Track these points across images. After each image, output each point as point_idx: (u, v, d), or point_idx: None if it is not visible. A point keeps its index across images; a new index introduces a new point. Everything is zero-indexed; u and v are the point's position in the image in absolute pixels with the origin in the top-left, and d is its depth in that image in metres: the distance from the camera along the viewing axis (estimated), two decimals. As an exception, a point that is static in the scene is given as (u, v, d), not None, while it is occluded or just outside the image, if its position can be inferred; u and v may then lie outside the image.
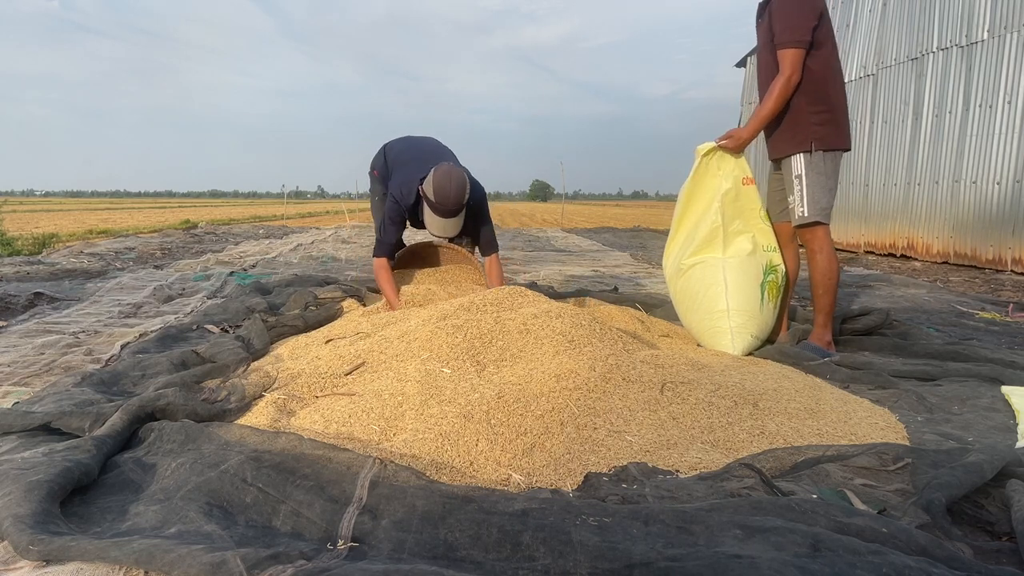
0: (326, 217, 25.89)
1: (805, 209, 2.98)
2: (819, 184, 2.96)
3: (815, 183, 2.96)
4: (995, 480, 1.51)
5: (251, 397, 2.19)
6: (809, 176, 2.96)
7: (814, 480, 1.57)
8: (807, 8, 2.85)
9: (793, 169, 3.00)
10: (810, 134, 2.94)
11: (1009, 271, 7.29)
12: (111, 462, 1.67)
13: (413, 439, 1.77)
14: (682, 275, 3.16)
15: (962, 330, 3.76)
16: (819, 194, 2.96)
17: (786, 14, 2.85)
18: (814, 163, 2.96)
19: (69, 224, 16.60)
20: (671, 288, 3.28)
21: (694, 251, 3.10)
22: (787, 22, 2.84)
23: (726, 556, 1.13)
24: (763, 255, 3.09)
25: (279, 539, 1.30)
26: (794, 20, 2.83)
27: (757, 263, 3.06)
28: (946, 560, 1.17)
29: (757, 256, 3.07)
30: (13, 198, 68.08)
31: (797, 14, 2.84)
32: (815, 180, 2.96)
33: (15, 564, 1.27)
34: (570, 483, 1.64)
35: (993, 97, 7.71)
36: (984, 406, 2.25)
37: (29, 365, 2.76)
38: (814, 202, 2.96)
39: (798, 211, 3.00)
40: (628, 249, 9.96)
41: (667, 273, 3.30)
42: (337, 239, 11.46)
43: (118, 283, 5.23)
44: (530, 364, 2.25)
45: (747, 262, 3.04)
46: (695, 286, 3.10)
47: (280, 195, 62.87)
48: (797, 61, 2.85)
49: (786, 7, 2.86)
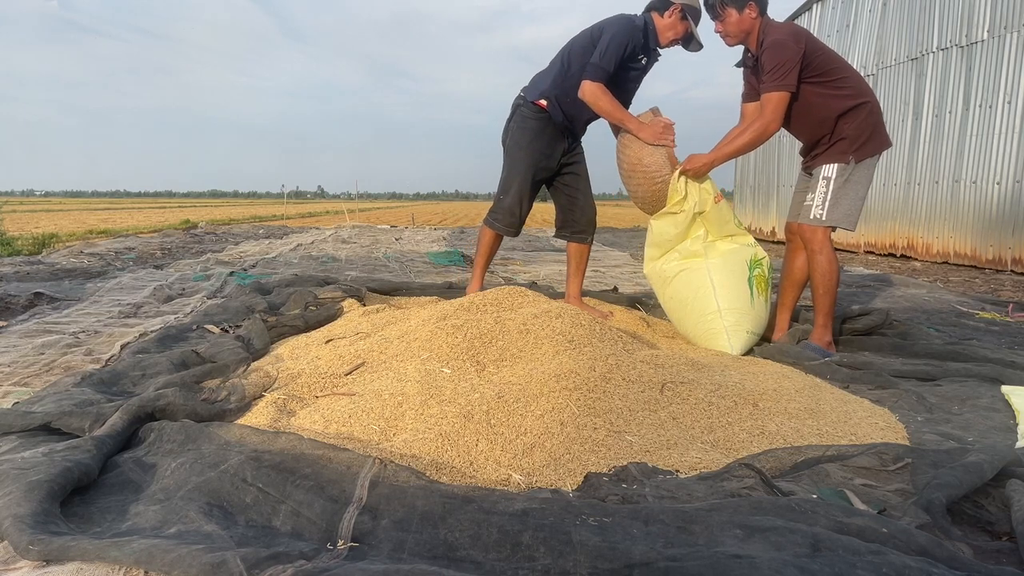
0: (326, 217, 25.89)
1: (824, 212, 2.97)
2: (847, 192, 2.96)
3: (843, 189, 2.96)
4: (995, 480, 1.51)
5: (251, 397, 2.19)
6: (837, 182, 2.97)
7: (814, 480, 1.57)
8: (790, 55, 2.85)
9: (824, 171, 3.00)
10: (848, 149, 2.96)
11: (1009, 271, 7.29)
12: (111, 462, 1.66)
13: (413, 439, 1.77)
14: (668, 284, 3.17)
15: (962, 330, 3.76)
16: (845, 201, 2.96)
17: (772, 66, 2.87)
18: (848, 172, 2.97)
19: (69, 224, 16.60)
20: (661, 298, 3.29)
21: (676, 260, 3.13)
22: (773, 72, 2.86)
23: (726, 556, 1.13)
24: (745, 251, 3.11)
25: (279, 539, 1.30)
26: (780, 68, 2.85)
27: (741, 259, 3.08)
28: (946, 560, 1.17)
29: (740, 252, 3.09)
30: (13, 198, 68.15)
31: (782, 63, 2.85)
32: (844, 186, 2.96)
33: (15, 564, 1.26)
34: (570, 483, 1.64)
35: (993, 97, 7.71)
36: (984, 406, 2.25)
37: (29, 365, 2.76)
38: (835, 207, 2.96)
39: (815, 211, 2.99)
40: (628, 249, 9.96)
41: (653, 284, 3.29)
42: (337, 239, 11.45)
43: (118, 283, 5.23)
44: (530, 364, 2.25)
45: (731, 260, 3.06)
46: (683, 292, 3.11)
47: (280, 195, 62.96)
48: (780, 107, 2.87)
49: (773, 59, 2.87)
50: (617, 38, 3.12)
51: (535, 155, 3.33)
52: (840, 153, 2.96)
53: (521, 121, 3.35)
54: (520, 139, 3.34)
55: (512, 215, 3.39)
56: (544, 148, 3.34)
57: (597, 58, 3.11)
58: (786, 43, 2.86)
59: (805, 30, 3.00)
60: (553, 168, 3.41)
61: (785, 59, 2.85)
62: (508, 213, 3.39)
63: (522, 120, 3.35)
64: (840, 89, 2.93)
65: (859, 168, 2.97)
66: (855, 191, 2.98)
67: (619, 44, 3.11)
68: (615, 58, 3.11)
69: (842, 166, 2.96)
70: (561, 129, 3.34)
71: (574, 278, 3.54)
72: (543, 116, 3.31)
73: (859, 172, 2.98)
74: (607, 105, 3.12)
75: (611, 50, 3.10)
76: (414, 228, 15.87)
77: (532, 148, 3.33)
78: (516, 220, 3.41)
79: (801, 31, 2.95)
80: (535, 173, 3.36)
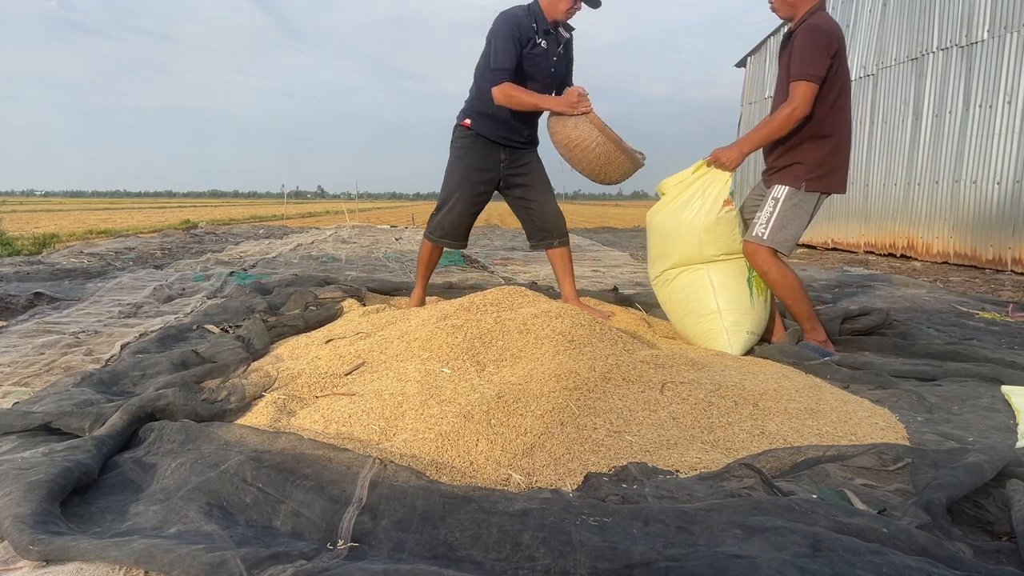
0: (326, 217, 25.89)
1: (766, 232, 2.98)
2: (792, 217, 2.97)
3: (788, 215, 2.97)
4: (995, 480, 1.51)
5: (251, 397, 2.19)
6: (785, 206, 2.97)
7: (814, 480, 1.57)
8: (823, 46, 2.85)
9: (774, 191, 3.01)
10: (804, 175, 2.95)
11: (1009, 271, 7.29)
12: (111, 462, 1.66)
13: (413, 439, 1.77)
14: (668, 284, 3.18)
15: (962, 330, 3.76)
16: (788, 226, 2.97)
17: (804, 49, 2.86)
18: (797, 198, 2.97)
19: (69, 224, 16.59)
20: (661, 299, 3.30)
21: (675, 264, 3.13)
22: (804, 55, 2.85)
23: (726, 556, 1.13)
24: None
25: (279, 539, 1.30)
26: (810, 55, 2.84)
27: (740, 261, 3.08)
28: (946, 560, 1.17)
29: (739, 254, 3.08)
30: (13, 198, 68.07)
31: (814, 49, 2.84)
32: (789, 212, 2.97)
33: (15, 564, 1.26)
34: (570, 483, 1.64)
35: (993, 97, 7.71)
36: (984, 406, 2.25)
37: (29, 365, 2.76)
38: (777, 230, 2.97)
39: (758, 229, 3.00)
40: (628, 249, 9.97)
41: (654, 286, 3.31)
42: (337, 239, 11.46)
43: (118, 283, 5.23)
44: (530, 364, 2.25)
45: (730, 260, 3.06)
46: (683, 292, 3.12)
47: (280, 195, 62.96)
48: (808, 95, 2.84)
49: (806, 42, 2.86)
50: (499, 35, 3.21)
51: (465, 171, 3.50)
52: (795, 177, 2.97)
53: (452, 143, 3.57)
54: (451, 159, 3.55)
55: (443, 228, 3.56)
56: (475, 163, 3.48)
57: (492, 63, 3.22)
58: (825, 30, 2.85)
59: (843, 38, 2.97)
60: (494, 179, 3.52)
61: (820, 44, 2.83)
62: (439, 227, 3.56)
63: (453, 142, 3.56)
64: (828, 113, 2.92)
65: (807, 198, 2.97)
66: (800, 220, 2.98)
67: (504, 40, 3.19)
68: (507, 54, 3.18)
69: (792, 190, 2.97)
70: (495, 141, 3.45)
71: (565, 281, 3.58)
72: (469, 134, 3.47)
73: (807, 202, 2.98)
74: (520, 97, 3.20)
75: (499, 50, 3.20)
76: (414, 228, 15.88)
77: (461, 165, 3.51)
78: (449, 232, 3.56)
79: (841, 35, 2.93)
80: (470, 187, 3.50)
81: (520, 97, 3.20)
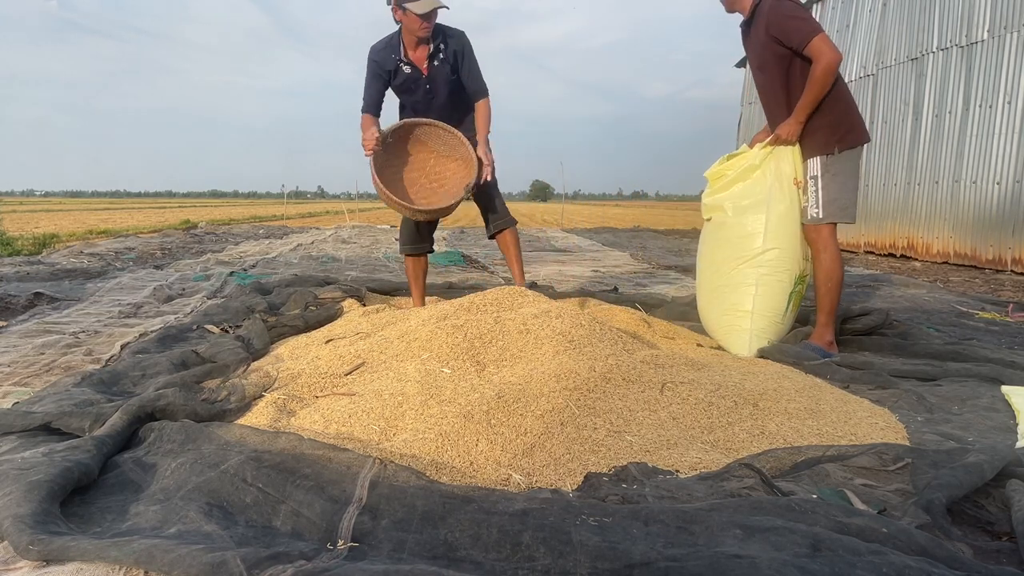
0: (326, 217, 25.88)
1: (820, 210, 2.96)
2: (836, 184, 2.95)
3: (832, 183, 2.95)
4: (995, 480, 1.51)
5: (251, 397, 2.19)
6: (825, 177, 2.96)
7: (814, 480, 1.57)
8: (798, 8, 2.92)
9: (809, 170, 3.00)
10: (832, 138, 2.94)
11: (1009, 271, 7.29)
12: (111, 462, 1.67)
13: (413, 439, 1.77)
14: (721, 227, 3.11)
15: (962, 330, 3.76)
16: (836, 193, 2.95)
17: (788, 20, 2.87)
18: (831, 164, 2.96)
19: (69, 224, 16.59)
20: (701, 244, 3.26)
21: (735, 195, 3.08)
22: (794, 23, 2.87)
23: (726, 556, 1.13)
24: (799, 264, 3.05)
25: (279, 539, 1.30)
26: (795, 18, 2.87)
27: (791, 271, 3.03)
28: (946, 560, 1.17)
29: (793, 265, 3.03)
30: (13, 198, 68.00)
31: (795, 13, 2.89)
32: (831, 180, 2.95)
33: (15, 564, 1.26)
34: (570, 483, 1.64)
35: (993, 97, 7.71)
36: (984, 406, 2.25)
37: (29, 365, 2.76)
38: (830, 202, 2.95)
39: (811, 211, 2.99)
40: (628, 249, 9.96)
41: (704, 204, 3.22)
42: (337, 239, 11.46)
43: (118, 283, 5.23)
44: (530, 364, 2.25)
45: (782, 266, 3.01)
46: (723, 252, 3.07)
47: (280, 195, 62.95)
48: (827, 43, 2.84)
49: (784, 15, 2.88)
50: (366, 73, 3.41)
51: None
52: (824, 144, 2.95)
53: None
54: None
55: (403, 237, 3.75)
56: None
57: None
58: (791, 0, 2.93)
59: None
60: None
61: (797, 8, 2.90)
62: (400, 237, 3.77)
63: None
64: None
65: (843, 159, 2.96)
66: (844, 182, 2.96)
67: (367, 76, 3.41)
68: (370, 90, 3.40)
69: (824, 159, 2.96)
70: None
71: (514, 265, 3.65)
72: None
73: (847, 162, 2.97)
74: (364, 126, 3.38)
75: (366, 86, 3.41)
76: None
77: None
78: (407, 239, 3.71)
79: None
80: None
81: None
